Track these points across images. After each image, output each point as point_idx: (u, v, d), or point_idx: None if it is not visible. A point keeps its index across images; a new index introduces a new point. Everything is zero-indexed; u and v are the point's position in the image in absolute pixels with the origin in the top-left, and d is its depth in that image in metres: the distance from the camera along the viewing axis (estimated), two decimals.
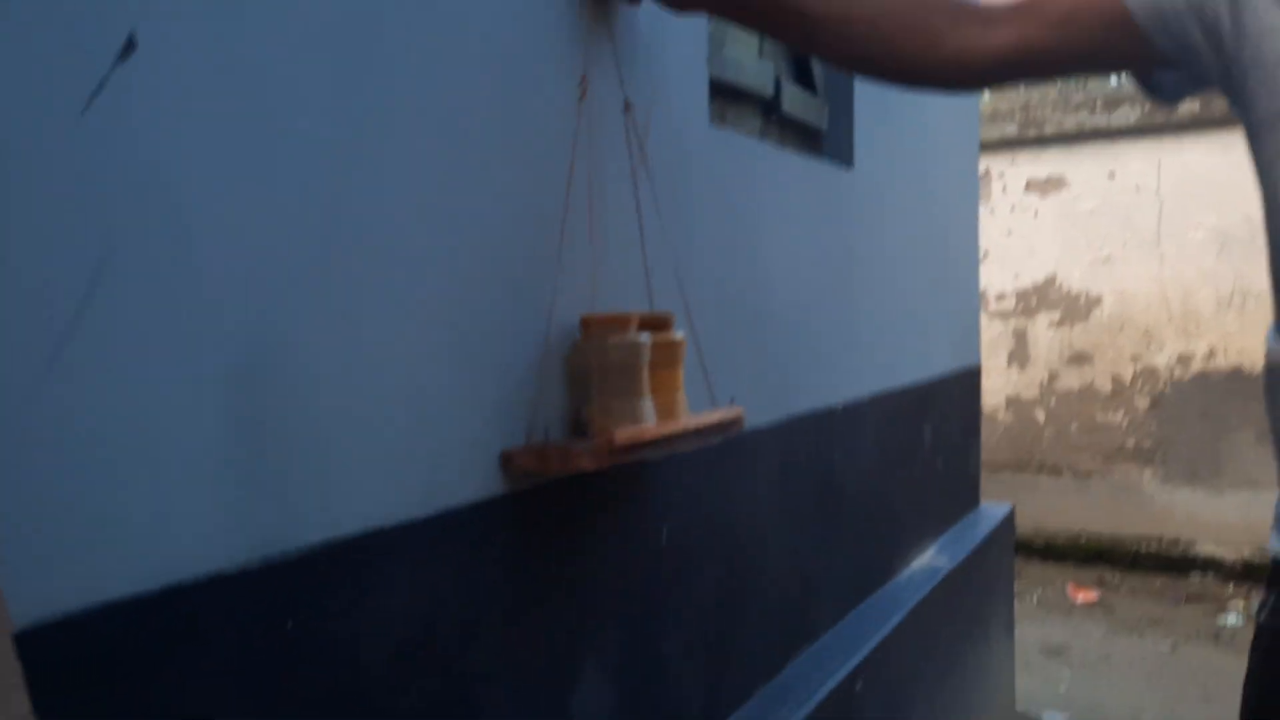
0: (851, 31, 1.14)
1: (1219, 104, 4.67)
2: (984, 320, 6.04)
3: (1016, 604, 4.78)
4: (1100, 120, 5.63)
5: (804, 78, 1.98)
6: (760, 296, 1.64)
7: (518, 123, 1.08)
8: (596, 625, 1.24)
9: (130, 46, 0.67)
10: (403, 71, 0.93)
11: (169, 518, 0.71)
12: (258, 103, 0.78)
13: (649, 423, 1.14)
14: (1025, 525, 5.75)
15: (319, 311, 0.83)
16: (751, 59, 1.74)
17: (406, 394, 0.93)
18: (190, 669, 0.73)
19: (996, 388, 6.01)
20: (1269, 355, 1.01)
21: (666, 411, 1.21)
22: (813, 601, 1.88)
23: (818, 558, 1.89)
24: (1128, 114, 5.53)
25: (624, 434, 1.06)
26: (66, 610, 0.65)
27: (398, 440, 0.92)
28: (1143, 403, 5.58)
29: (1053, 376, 5.85)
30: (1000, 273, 6.02)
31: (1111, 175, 5.65)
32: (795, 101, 1.89)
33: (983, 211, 6.06)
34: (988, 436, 6.02)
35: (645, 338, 1.15)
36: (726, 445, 1.54)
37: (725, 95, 1.68)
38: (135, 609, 0.69)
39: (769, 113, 1.83)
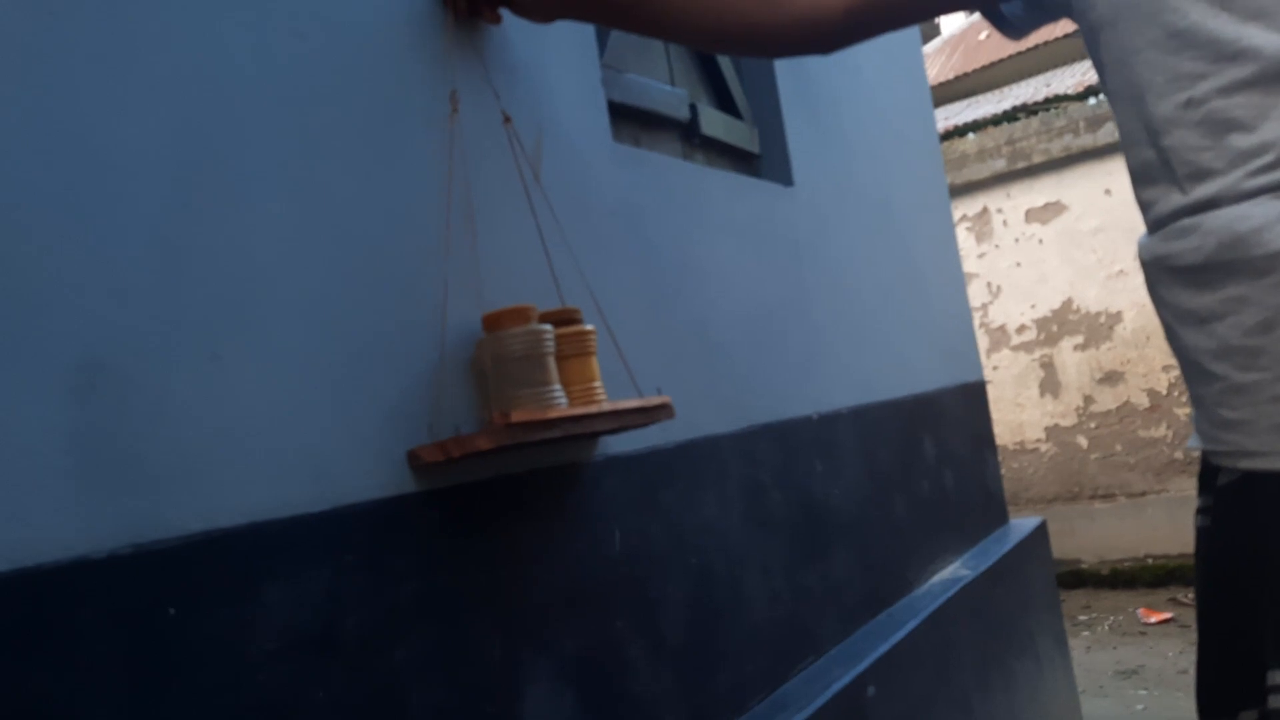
0: (700, 7, 1.19)
1: None
2: (1008, 354, 5.97)
3: (1088, 633, 4.62)
4: (1086, 141, 5.66)
5: (726, 105, 2.04)
6: (698, 305, 1.66)
7: (387, 141, 1.13)
8: (542, 628, 1.22)
9: None
10: (256, 96, 0.98)
11: (14, 507, 0.74)
12: (89, 121, 0.83)
13: (558, 405, 1.15)
14: (1088, 555, 5.57)
15: (169, 331, 0.86)
16: (662, 84, 1.79)
17: (279, 398, 0.95)
18: (55, 647, 0.74)
19: (1034, 420, 5.91)
20: (1139, 255, 1.01)
21: (582, 400, 1.22)
22: (812, 615, 1.83)
23: (810, 570, 1.85)
24: (1112, 131, 5.55)
25: (521, 413, 1.07)
26: None
27: (275, 440, 0.94)
28: (1183, 412, 5.44)
29: (1088, 400, 5.74)
30: (1016, 305, 5.97)
31: (1108, 192, 5.64)
32: (716, 125, 1.93)
33: (987, 247, 6.06)
34: (1033, 470, 5.89)
35: (547, 327, 1.17)
36: (679, 451, 1.53)
37: (638, 120, 1.73)
38: None
39: (690, 137, 1.88)
